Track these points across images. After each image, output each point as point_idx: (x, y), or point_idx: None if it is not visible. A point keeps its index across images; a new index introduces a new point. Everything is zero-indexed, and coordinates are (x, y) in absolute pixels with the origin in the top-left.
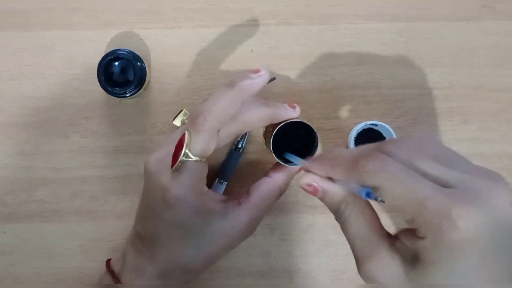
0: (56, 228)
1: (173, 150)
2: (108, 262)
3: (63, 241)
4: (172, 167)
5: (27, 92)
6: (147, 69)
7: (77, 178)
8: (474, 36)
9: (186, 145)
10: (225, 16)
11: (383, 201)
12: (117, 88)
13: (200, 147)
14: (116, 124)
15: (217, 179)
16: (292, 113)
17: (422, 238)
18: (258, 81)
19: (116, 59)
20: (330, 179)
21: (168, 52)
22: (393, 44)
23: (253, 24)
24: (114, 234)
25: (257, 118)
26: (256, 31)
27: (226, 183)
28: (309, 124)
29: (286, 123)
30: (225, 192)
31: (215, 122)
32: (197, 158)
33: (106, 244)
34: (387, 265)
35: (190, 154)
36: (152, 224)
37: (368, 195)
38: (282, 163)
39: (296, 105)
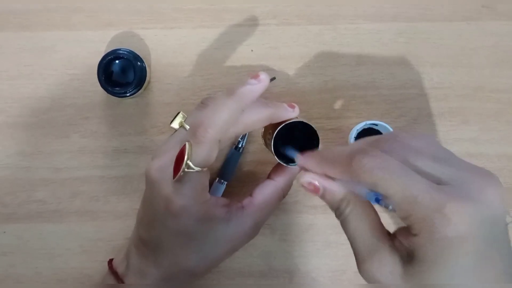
0: (56, 229)
1: (174, 159)
2: (110, 262)
3: (63, 241)
4: (174, 178)
5: (27, 92)
6: (147, 69)
7: (77, 178)
8: (474, 36)
9: (188, 156)
10: (225, 16)
11: (394, 210)
12: (117, 88)
13: (201, 158)
14: (116, 124)
15: (217, 179)
16: (291, 113)
17: (416, 235)
18: (258, 87)
19: (116, 58)
20: (329, 176)
21: (168, 52)
22: (393, 44)
23: (253, 24)
24: (114, 234)
25: (257, 119)
26: (256, 31)
27: (226, 183)
28: (309, 123)
29: (287, 123)
30: (225, 192)
31: (216, 133)
32: (199, 169)
33: (106, 245)
34: (386, 264)
35: (191, 165)
36: (156, 231)
37: (377, 200)
38: (283, 163)
39: (295, 104)
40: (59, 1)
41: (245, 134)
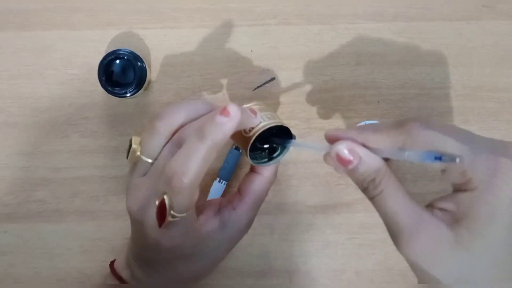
0: (56, 228)
1: (151, 197)
2: (112, 264)
3: (63, 241)
4: (160, 227)
5: (27, 92)
6: (147, 69)
7: (77, 178)
8: (474, 36)
9: (169, 208)
10: (225, 16)
11: (462, 161)
12: (117, 88)
13: (183, 205)
14: (116, 124)
15: (217, 179)
16: (255, 120)
17: (473, 189)
18: (229, 126)
19: (117, 59)
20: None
21: (168, 52)
22: (393, 44)
23: (253, 24)
24: (114, 234)
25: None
26: (256, 31)
27: (226, 182)
28: (280, 124)
29: (257, 137)
30: (225, 192)
31: (191, 182)
32: (184, 215)
33: (106, 244)
34: (437, 232)
35: (176, 214)
36: (152, 257)
37: (437, 158)
38: (265, 165)
39: (255, 110)
40: (59, 1)
41: None
